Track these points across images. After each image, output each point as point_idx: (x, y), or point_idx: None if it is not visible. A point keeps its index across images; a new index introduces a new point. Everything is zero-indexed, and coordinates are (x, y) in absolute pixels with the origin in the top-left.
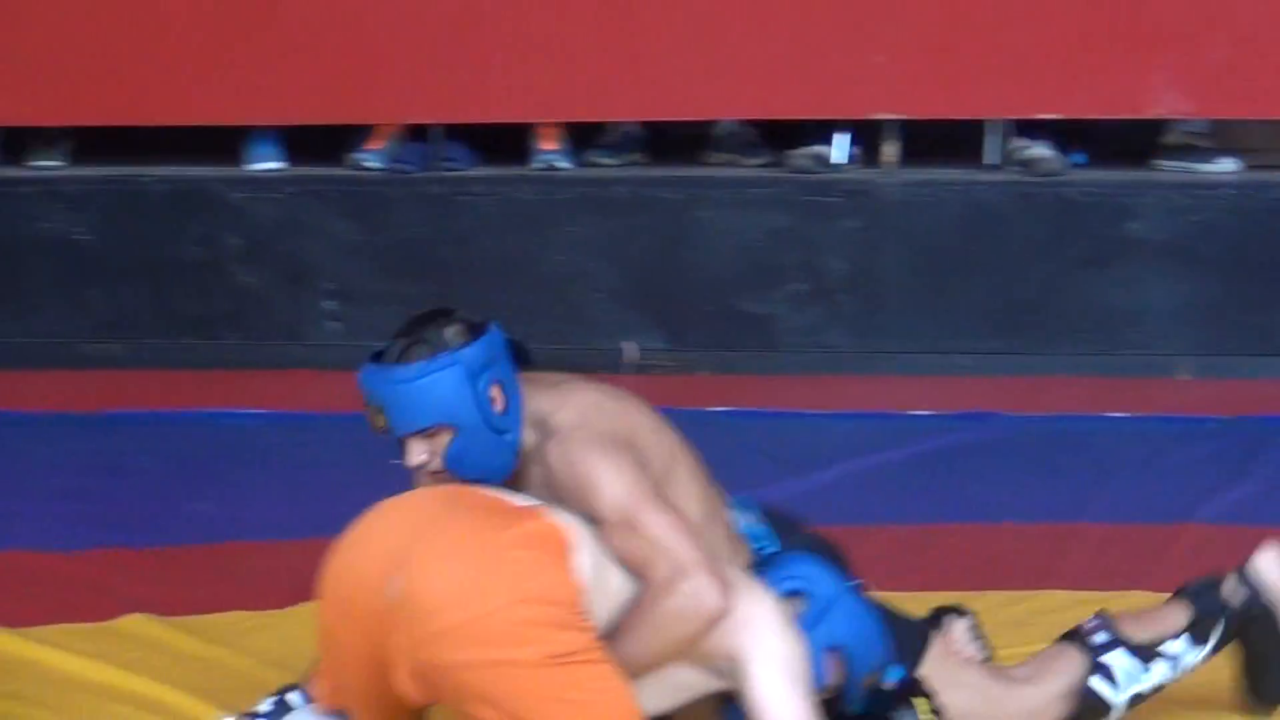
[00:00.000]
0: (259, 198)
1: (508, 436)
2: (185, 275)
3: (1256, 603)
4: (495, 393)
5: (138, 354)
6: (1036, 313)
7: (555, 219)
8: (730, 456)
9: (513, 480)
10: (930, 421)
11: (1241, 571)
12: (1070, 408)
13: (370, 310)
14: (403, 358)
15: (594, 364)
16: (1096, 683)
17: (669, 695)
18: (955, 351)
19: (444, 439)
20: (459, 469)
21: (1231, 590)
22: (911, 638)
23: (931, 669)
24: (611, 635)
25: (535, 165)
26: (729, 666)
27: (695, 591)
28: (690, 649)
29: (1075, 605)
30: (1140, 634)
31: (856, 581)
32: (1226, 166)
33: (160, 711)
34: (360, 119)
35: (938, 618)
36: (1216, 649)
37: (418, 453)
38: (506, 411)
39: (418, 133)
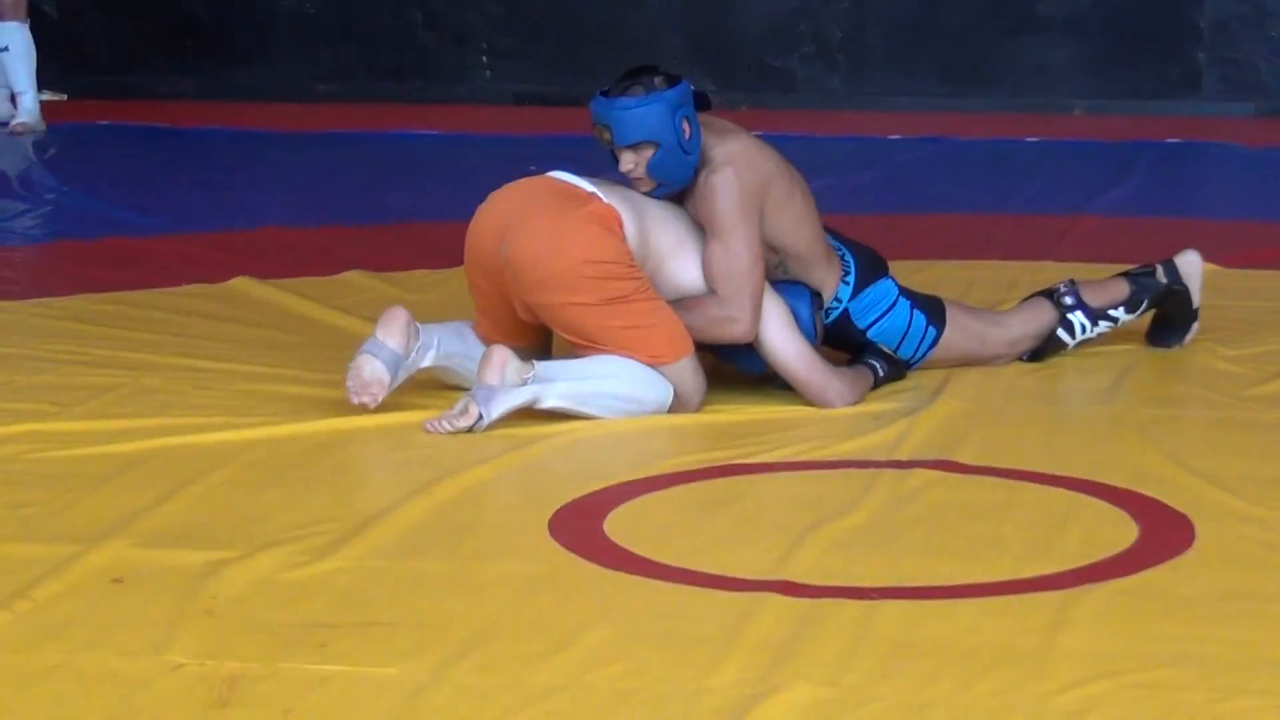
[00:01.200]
0: None
1: (691, 158)
2: (383, 37)
3: (1178, 283)
4: (685, 125)
5: (350, 91)
6: (975, 68)
7: (639, 0)
8: None
9: (684, 194)
10: (901, 143)
11: (1169, 263)
12: (998, 134)
13: (510, 63)
14: (625, 93)
15: None
16: (1060, 331)
17: None
18: (918, 94)
19: (648, 153)
20: (656, 175)
21: (1160, 275)
22: (936, 308)
23: (948, 333)
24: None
25: None
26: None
27: (736, 319)
28: None
29: (1003, 270)
30: (1095, 301)
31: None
32: None
33: (364, 338)
34: None
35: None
36: (1142, 314)
37: (627, 161)
38: (692, 139)
39: None
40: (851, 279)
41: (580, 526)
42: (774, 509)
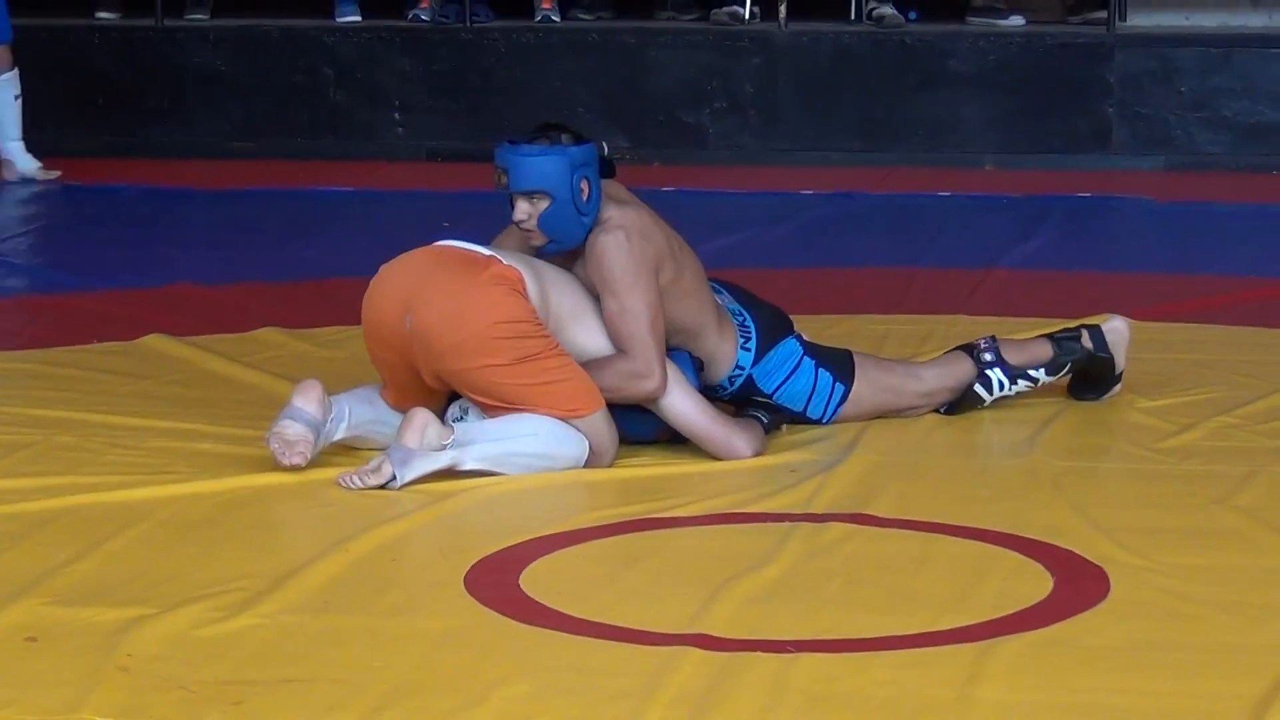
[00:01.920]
0: (345, 41)
1: (585, 218)
2: (296, 94)
3: (1103, 350)
4: (584, 186)
5: (264, 149)
6: (886, 123)
7: (550, 58)
8: (676, 223)
9: (570, 258)
10: (814, 198)
11: (1096, 330)
12: (910, 188)
13: (423, 120)
14: (530, 142)
15: None
16: (978, 387)
17: None
18: (829, 149)
19: (542, 205)
20: (547, 228)
21: (1086, 341)
22: (844, 364)
23: (857, 387)
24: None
25: (537, 19)
26: None
27: (646, 376)
28: None
29: (917, 324)
30: (1015, 359)
31: (800, 335)
32: (1016, 22)
33: (277, 394)
34: None
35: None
36: (1064, 376)
37: (521, 210)
38: (589, 201)
39: None
40: (753, 344)
41: (497, 581)
42: (690, 563)
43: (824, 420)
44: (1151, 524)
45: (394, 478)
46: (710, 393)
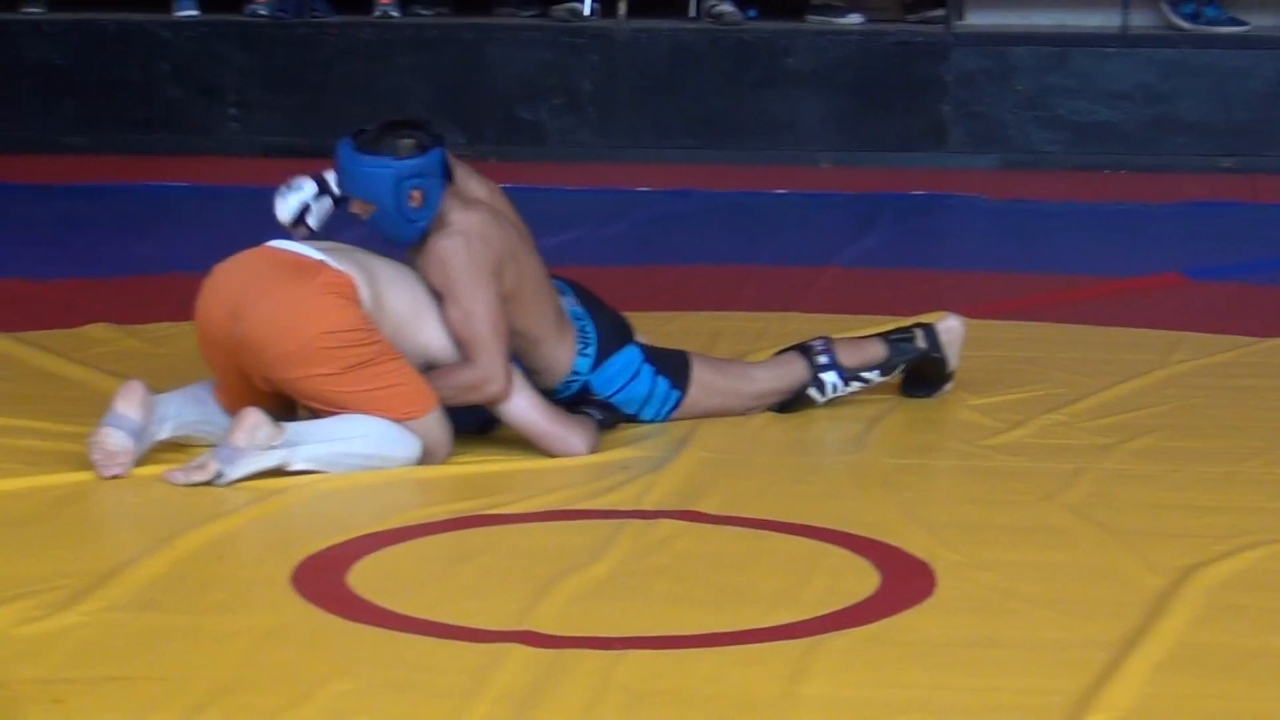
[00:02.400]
0: (182, 35)
1: (415, 224)
2: (131, 89)
3: (935, 350)
4: (417, 196)
5: (97, 144)
6: (724, 121)
7: (388, 53)
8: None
9: (416, 253)
10: (651, 195)
11: (930, 329)
12: (747, 186)
13: (260, 115)
14: (362, 146)
15: None
16: (812, 390)
17: None
18: (667, 147)
19: (371, 208)
20: (375, 230)
21: (920, 341)
22: (680, 369)
23: (692, 394)
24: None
25: (375, 14)
26: None
27: (490, 380)
28: None
29: (751, 321)
30: (850, 360)
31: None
32: (854, 20)
33: (106, 391)
34: None
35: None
36: (895, 376)
37: (355, 206)
38: (422, 209)
39: None
40: (591, 350)
41: (324, 578)
42: (518, 560)
43: (657, 421)
44: (978, 521)
45: (219, 474)
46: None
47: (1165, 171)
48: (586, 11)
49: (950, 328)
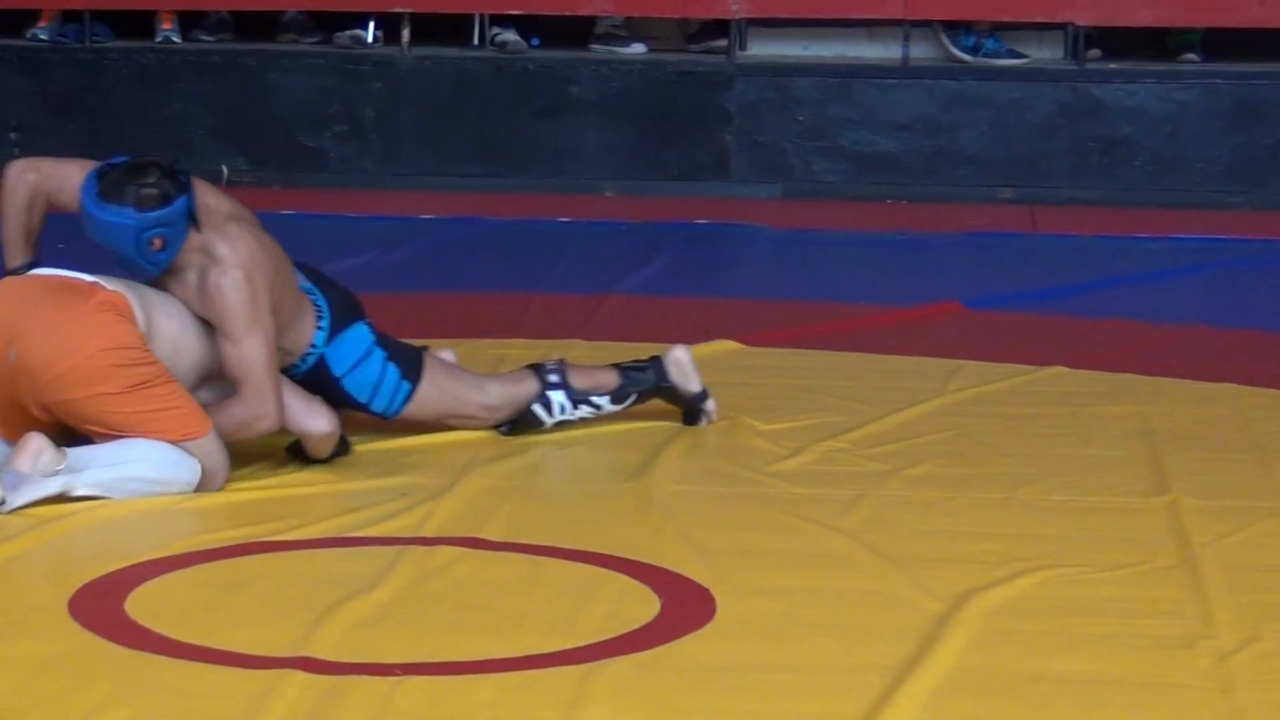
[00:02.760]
0: None
1: (158, 266)
2: None
3: (665, 381)
4: (159, 242)
5: None
6: (507, 149)
7: (171, 79)
8: (298, 246)
9: (167, 279)
10: (434, 223)
11: (657, 362)
12: (531, 214)
13: (41, 140)
14: (105, 193)
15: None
16: (537, 407)
17: None
18: (450, 175)
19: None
20: (120, 267)
21: (650, 374)
22: (413, 361)
23: (423, 388)
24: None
25: (158, 40)
26: None
27: (264, 416)
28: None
29: (532, 349)
30: (580, 384)
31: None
32: (638, 49)
33: None
34: (33, 4)
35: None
36: (631, 406)
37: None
38: (162, 252)
39: (74, 15)
40: (326, 323)
41: (101, 605)
42: (298, 586)
43: (388, 415)
44: (758, 546)
45: (2, 501)
46: (283, 374)
47: (946, 202)
48: (370, 39)
49: (676, 359)
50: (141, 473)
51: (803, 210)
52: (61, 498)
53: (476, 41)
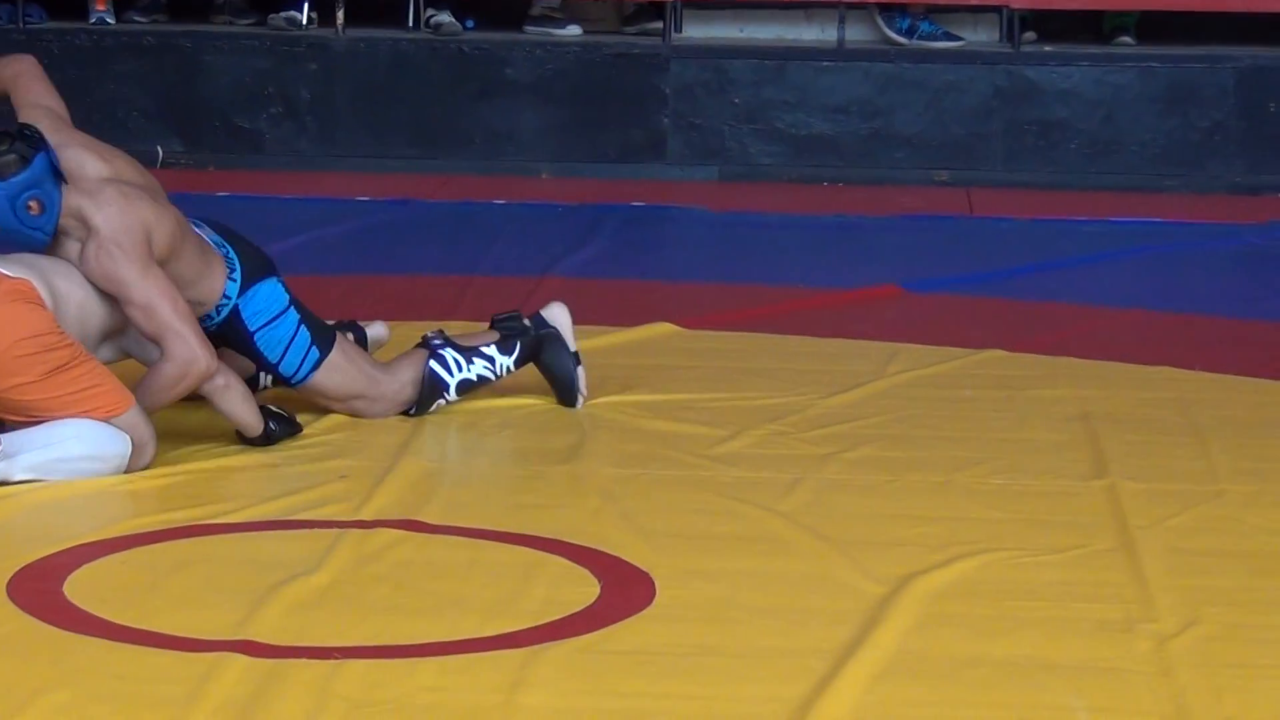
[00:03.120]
0: None
1: (41, 232)
2: None
3: (544, 327)
4: (34, 205)
5: None
6: (443, 131)
7: (105, 60)
8: (234, 227)
9: (54, 248)
10: (369, 205)
11: (537, 314)
12: (467, 196)
13: None
14: None
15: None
16: (435, 366)
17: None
18: (387, 156)
19: None
20: (12, 246)
21: (526, 321)
22: (325, 332)
23: (333, 356)
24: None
25: (91, 21)
26: None
27: (193, 361)
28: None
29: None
30: (465, 342)
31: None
32: (573, 31)
33: None
34: None
35: (343, 327)
36: (520, 361)
37: None
38: (42, 215)
39: None
40: (238, 275)
41: (39, 588)
42: (236, 569)
43: (294, 381)
44: (698, 530)
45: None
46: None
47: (882, 184)
48: (304, 20)
49: (553, 313)
50: (75, 451)
51: (739, 192)
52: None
53: (412, 23)
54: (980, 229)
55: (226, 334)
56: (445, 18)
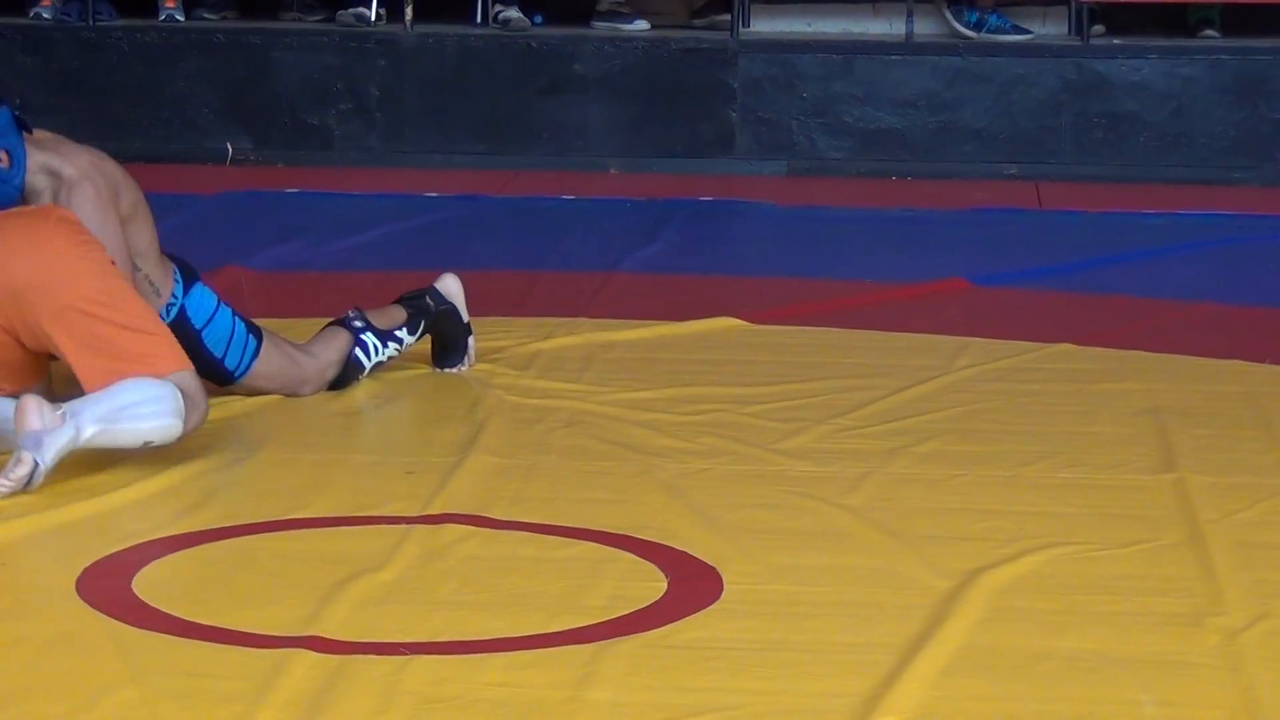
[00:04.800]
0: None
1: (14, 182)
2: None
3: (444, 303)
4: (3, 157)
5: None
6: (512, 126)
7: (175, 58)
8: (303, 223)
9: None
10: (437, 201)
11: (431, 288)
12: (534, 192)
13: (45, 120)
14: None
15: (204, 158)
16: (358, 352)
17: None
18: (455, 152)
19: None
20: None
21: (428, 299)
22: (250, 323)
23: (265, 344)
24: None
25: (161, 18)
26: None
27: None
28: None
29: (537, 326)
30: (381, 324)
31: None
32: (641, 26)
33: None
34: None
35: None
36: (421, 335)
37: None
38: (12, 167)
39: None
40: (178, 274)
41: (109, 585)
42: (303, 565)
43: (238, 374)
44: (765, 525)
45: (36, 464)
46: None
47: (950, 178)
48: (373, 17)
49: (446, 284)
50: (134, 398)
51: (807, 187)
52: (73, 444)
53: (479, 19)
54: (1049, 222)
55: (177, 335)
56: (513, 13)
